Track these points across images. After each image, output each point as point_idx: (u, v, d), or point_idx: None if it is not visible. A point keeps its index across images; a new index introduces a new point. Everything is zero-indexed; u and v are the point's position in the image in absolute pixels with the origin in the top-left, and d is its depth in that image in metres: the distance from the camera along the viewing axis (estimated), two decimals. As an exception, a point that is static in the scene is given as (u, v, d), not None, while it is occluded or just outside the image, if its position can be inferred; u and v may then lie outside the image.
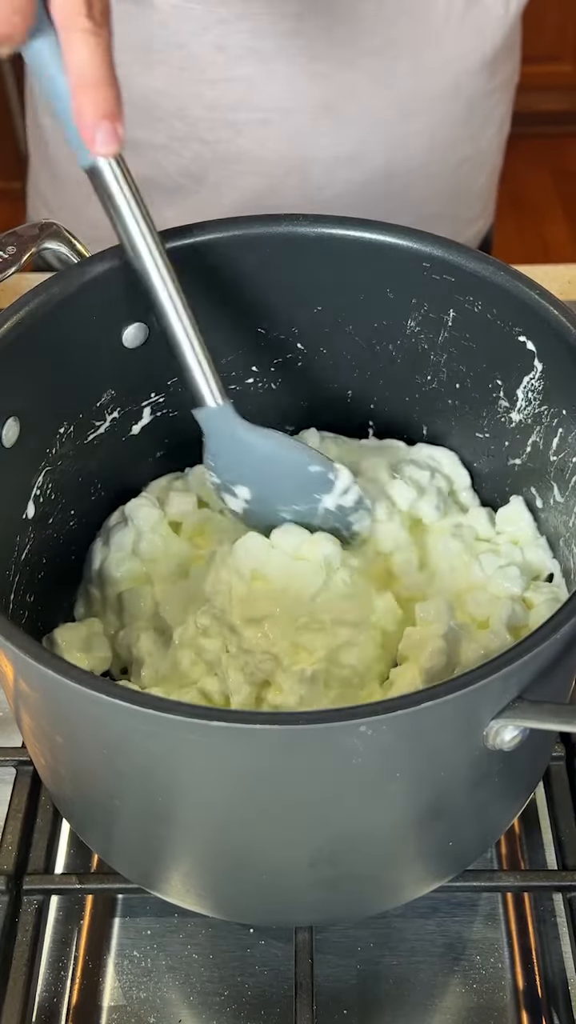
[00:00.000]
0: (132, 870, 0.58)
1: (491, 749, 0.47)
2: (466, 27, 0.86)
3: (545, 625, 0.46)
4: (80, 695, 0.44)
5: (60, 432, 0.61)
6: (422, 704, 0.43)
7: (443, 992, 0.60)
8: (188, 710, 0.43)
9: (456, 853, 0.57)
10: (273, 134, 0.87)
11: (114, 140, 0.51)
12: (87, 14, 0.49)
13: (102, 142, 0.51)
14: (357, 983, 0.60)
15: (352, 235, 0.61)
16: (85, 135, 0.51)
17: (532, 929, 0.62)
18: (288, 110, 0.86)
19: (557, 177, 2.62)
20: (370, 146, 0.89)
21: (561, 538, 0.63)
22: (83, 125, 0.51)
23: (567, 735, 0.66)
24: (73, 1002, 0.60)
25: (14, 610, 0.60)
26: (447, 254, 0.60)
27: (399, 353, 0.66)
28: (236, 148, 0.88)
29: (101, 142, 0.51)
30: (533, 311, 0.58)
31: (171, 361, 0.57)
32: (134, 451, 0.67)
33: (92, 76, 0.50)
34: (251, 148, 0.88)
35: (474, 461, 0.68)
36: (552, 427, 0.60)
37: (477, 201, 1.02)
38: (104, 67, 0.50)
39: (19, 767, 0.65)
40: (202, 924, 0.62)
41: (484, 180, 1.01)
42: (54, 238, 0.61)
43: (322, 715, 0.44)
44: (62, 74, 0.51)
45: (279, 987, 0.60)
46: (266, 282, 0.63)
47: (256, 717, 0.45)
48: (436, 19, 0.85)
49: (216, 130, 0.87)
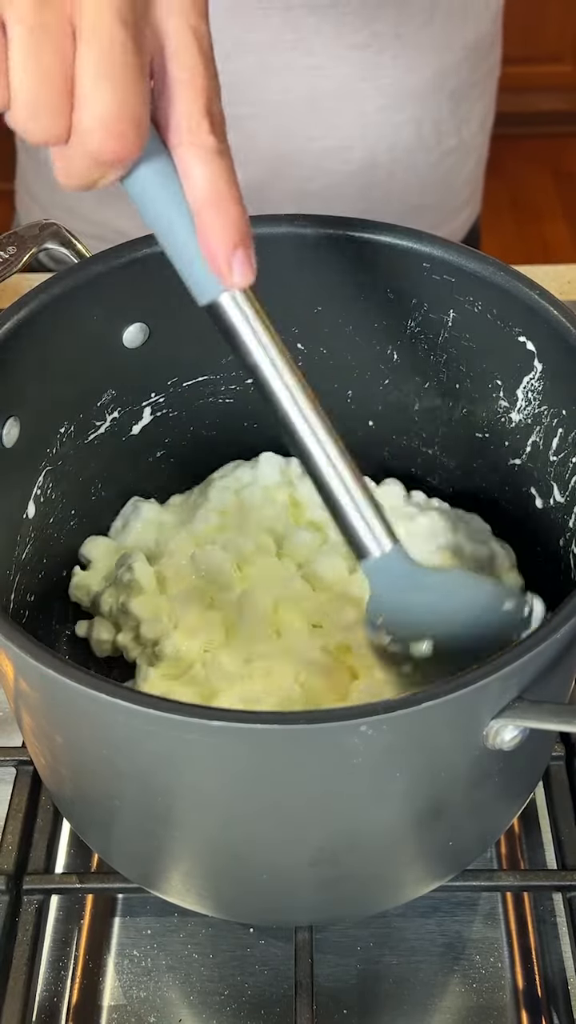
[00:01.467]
0: (132, 870, 0.58)
1: (491, 749, 0.47)
2: (450, 19, 0.87)
3: (545, 625, 0.46)
4: (80, 695, 0.44)
5: (60, 432, 0.61)
6: (422, 704, 0.43)
7: (443, 992, 0.60)
8: (188, 710, 0.43)
9: (456, 853, 0.57)
10: (262, 127, 0.88)
11: (250, 268, 0.44)
12: (209, 129, 0.43)
13: (240, 272, 0.44)
14: (357, 983, 0.60)
15: (352, 235, 0.61)
16: (217, 265, 0.43)
17: (532, 929, 0.62)
18: (277, 104, 0.86)
19: (557, 177, 2.62)
20: (357, 138, 0.90)
21: (561, 538, 0.63)
22: (214, 252, 0.43)
23: (567, 735, 0.66)
24: (73, 1002, 0.60)
25: (14, 610, 0.60)
26: (447, 254, 0.60)
27: (399, 353, 0.66)
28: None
29: (239, 272, 0.44)
30: (533, 311, 0.58)
31: (171, 361, 0.57)
32: (134, 451, 0.67)
33: (221, 194, 0.43)
34: (240, 142, 0.87)
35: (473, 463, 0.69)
36: (552, 427, 0.60)
37: (463, 191, 1.02)
38: (234, 186, 0.43)
39: (19, 767, 0.65)
40: (202, 924, 0.62)
41: (470, 170, 1.02)
42: (54, 238, 0.61)
43: (322, 715, 0.44)
44: (176, 202, 0.43)
45: (279, 987, 0.60)
46: (266, 282, 0.63)
47: (256, 717, 0.45)
48: (421, 11, 0.86)
49: None
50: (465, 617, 0.53)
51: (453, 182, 1.00)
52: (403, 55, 0.87)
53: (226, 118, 0.87)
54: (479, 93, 0.97)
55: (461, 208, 1.04)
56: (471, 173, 1.02)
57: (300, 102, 0.86)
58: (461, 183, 1.01)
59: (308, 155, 0.89)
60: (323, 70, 0.85)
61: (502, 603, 0.52)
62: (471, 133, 0.98)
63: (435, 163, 0.96)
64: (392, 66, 0.87)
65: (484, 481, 0.68)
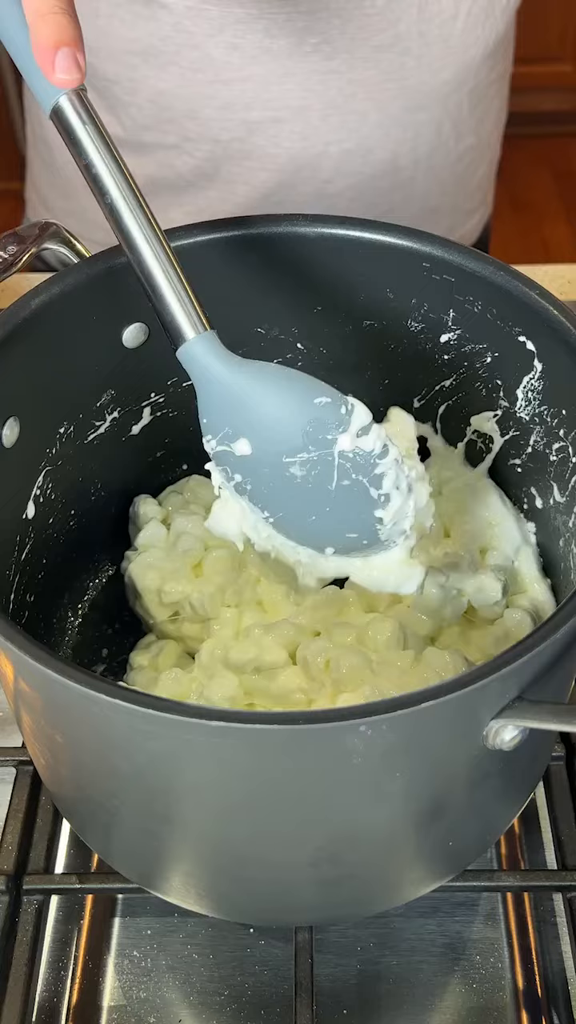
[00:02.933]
0: (132, 870, 0.58)
1: (491, 749, 0.47)
2: (471, 19, 0.88)
3: (545, 625, 0.46)
4: (80, 695, 0.44)
5: (60, 432, 0.61)
6: (422, 704, 0.43)
7: (443, 992, 0.60)
8: (188, 710, 0.43)
9: (456, 853, 0.57)
10: (285, 131, 0.88)
11: (75, 67, 0.49)
12: None
13: (62, 68, 0.49)
14: (357, 983, 0.60)
15: (352, 235, 0.61)
16: (43, 63, 0.49)
17: (532, 929, 0.62)
18: (300, 107, 0.87)
19: (557, 177, 2.62)
20: (378, 140, 0.90)
21: (561, 538, 0.63)
22: (42, 53, 0.49)
23: (567, 735, 0.66)
24: (73, 1002, 0.60)
25: (14, 610, 0.60)
26: (447, 254, 0.60)
27: (399, 353, 0.66)
28: (249, 146, 0.89)
29: (61, 68, 0.49)
30: (533, 311, 0.58)
31: (171, 361, 0.56)
32: (134, 451, 0.67)
33: (50, 7, 0.48)
34: (263, 145, 0.89)
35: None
36: (552, 427, 0.60)
37: (477, 192, 1.03)
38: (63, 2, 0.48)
39: (19, 767, 0.65)
40: (202, 924, 0.62)
41: (484, 170, 1.02)
42: (54, 238, 0.61)
43: (322, 715, 0.44)
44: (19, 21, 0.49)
45: (279, 987, 0.60)
46: (266, 282, 0.63)
47: (256, 717, 0.45)
48: (443, 12, 0.86)
49: (230, 129, 0.88)
50: (278, 410, 0.54)
51: (469, 182, 1.00)
52: (427, 55, 0.87)
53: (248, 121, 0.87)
54: (495, 92, 0.97)
55: (475, 210, 1.04)
56: (484, 174, 1.03)
57: (322, 105, 0.87)
58: (475, 184, 1.02)
59: (329, 158, 0.89)
60: (346, 73, 0.85)
61: (315, 397, 0.54)
62: (487, 132, 0.99)
63: (453, 163, 0.96)
64: (416, 66, 0.87)
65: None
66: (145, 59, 0.85)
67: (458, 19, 0.87)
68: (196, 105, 0.87)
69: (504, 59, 0.97)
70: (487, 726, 0.46)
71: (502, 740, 0.46)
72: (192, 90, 0.86)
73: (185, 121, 0.88)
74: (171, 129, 0.89)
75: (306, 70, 0.85)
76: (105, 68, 0.87)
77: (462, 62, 0.90)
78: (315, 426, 0.54)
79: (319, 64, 0.85)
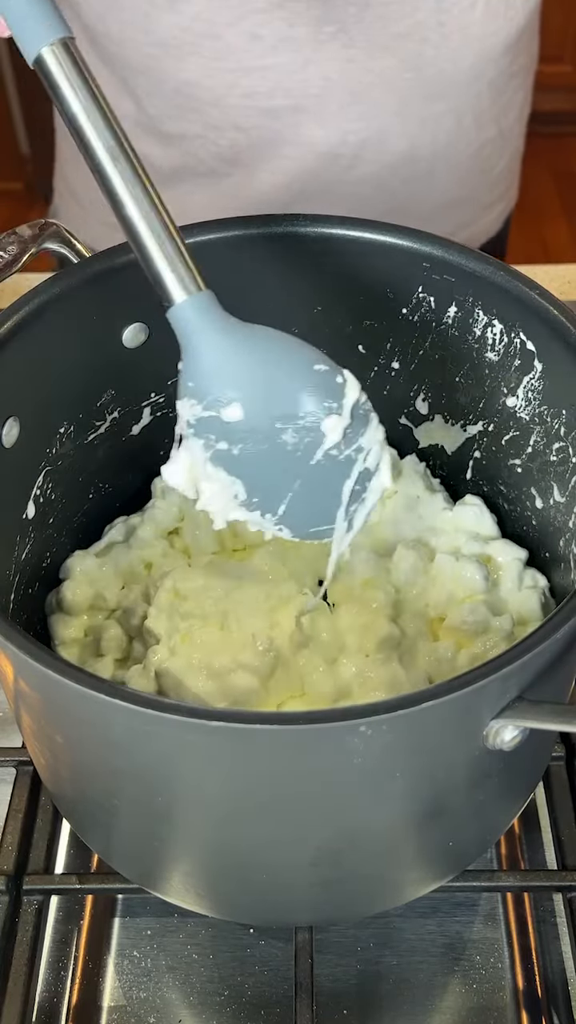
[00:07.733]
0: (132, 870, 0.58)
1: (491, 749, 0.47)
2: (490, 9, 0.88)
3: (545, 625, 0.46)
4: (80, 695, 0.44)
5: (60, 432, 0.61)
6: (422, 704, 0.43)
7: (443, 992, 0.60)
8: (188, 710, 0.43)
9: (456, 853, 0.57)
10: (305, 119, 0.88)
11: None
12: None
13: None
14: (357, 983, 0.60)
15: (352, 235, 0.61)
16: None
17: (532, 929, 0.62)
18: (320, 96, 0.87)
19: (558, 178, 2.62)
20: (397, 128, 0.90)
21: (561, 538, 0.63)
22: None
23: (567, 735, 0.66)
24: (73, 1002, 0.60)
25: (14, 610, 0.60)
26: (447, 254, 0.60)
27: (399, 353, 0.66)
28: (271, 134, 0.89)
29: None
30: (533, 311, 0.58)
31: (171, 361, 0.56)
32: (134, 451, 0.67)
33: None
34: (285, 133, 0.89)
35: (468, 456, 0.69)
36: (552, 427, 0.60)
37: (498, 184, 1.03)
38: None
39: (19, 767, 0.65)
40: (202, 924, 0.62)
41: (505, 163, 1.02)
42: (54, 238, 0.61)
43: (322, 715, 0.44)
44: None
45: (279, 987, 0.60)
46: (266, 282, 0.63)
47: (256, 717, 0.45)
48: (461, 2, 0.86)
49: (252, 117, 0.89)
50: (274, 372, 0.52)
51: (490, 174, 1.01)
52: (445, 44, 0.87)
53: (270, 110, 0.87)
54: (519, 84, 0.97)
55: (496, 202, 1.05)
56: (506, 166, 1.03)
57: (341, 93, 0.87)
58: (497, 175, 1.02)
59: (348, 146, 0.90)
60: (364, 61, 0.86)
61: (313, 363, 0.53)
62: (509, 124, 0.99)
63: (474, 154, 0.96)
64: (435, 56, 0.87)
65: (484, 481, 0.68)
66: (167, 50, 0.86)
67: (476, 8, 0.87)
68: (219, 94, 0.87)
69: (527, 52, 0.97)
70: (487, 726, 0.46)
71: (502, 740, 0.46)
72: (214, 79, 0.87)
73: (208, 110, 0.89)
74: (195, 119, 0.89)
75: (325, 58, 0.85)
76: (129, 59, 0.88)
77: (481, 52, 0.90)
78: (312, 392, 0.53)
79: (338, 52, 0.85)
